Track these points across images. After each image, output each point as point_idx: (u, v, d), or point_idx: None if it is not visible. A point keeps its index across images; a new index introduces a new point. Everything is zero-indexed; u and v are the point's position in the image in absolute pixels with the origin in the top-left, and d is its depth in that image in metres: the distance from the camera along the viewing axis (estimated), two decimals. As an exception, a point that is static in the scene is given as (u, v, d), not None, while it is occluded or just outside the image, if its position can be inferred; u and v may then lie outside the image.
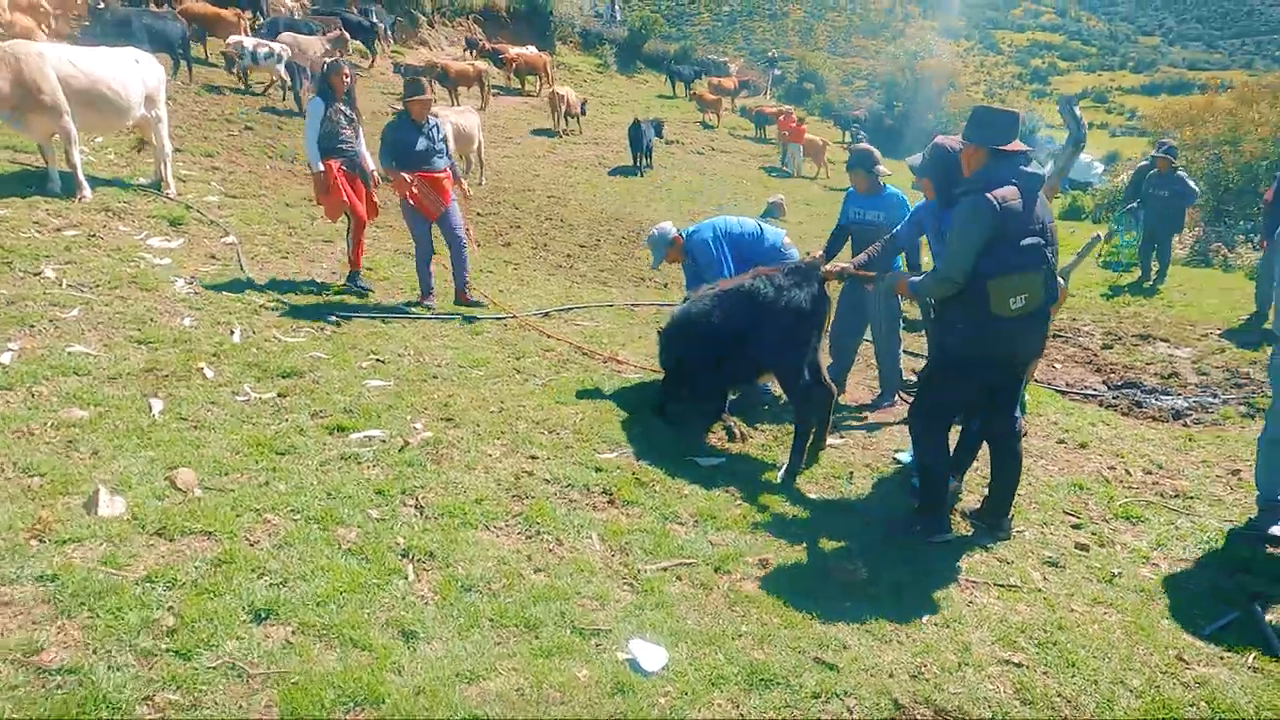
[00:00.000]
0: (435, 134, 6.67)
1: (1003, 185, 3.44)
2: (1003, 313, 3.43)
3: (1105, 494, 4.58)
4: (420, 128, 6.54)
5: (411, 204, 6.57)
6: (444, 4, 26.86)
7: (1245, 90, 15.50)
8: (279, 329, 5.74)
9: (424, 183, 6.52)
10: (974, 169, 3.61)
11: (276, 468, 3.72)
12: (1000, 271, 3.41)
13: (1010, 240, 3.41)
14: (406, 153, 6.45)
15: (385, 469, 3.90)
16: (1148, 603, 3.49)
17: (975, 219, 3.41)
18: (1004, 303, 3.42)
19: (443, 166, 6.70)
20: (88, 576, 2.72)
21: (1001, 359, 3.68)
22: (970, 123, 3.69)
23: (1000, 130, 3.60)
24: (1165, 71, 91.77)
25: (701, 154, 22.03)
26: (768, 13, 70.96)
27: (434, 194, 6.62)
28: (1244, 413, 6.06)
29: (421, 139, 6.52)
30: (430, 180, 6.58)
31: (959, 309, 3.52)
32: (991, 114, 3.69)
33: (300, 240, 8.39)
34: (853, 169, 5.58)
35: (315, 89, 7.15)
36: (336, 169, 6.74)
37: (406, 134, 6.49)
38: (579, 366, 5.99)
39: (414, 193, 6.46)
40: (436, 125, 6.71)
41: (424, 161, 6.53)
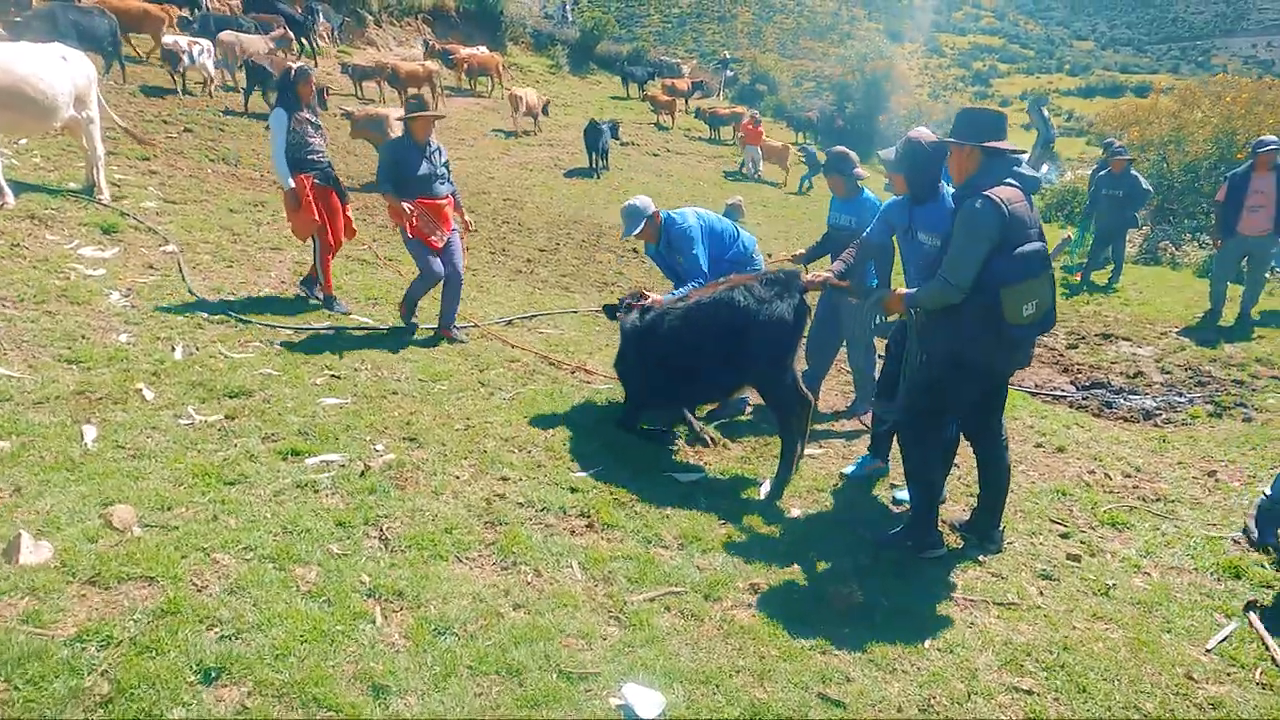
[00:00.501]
0: (437, 157, 6.04)
1: (1002, 186, 3.31)
2: (1016, 321, 3.28)
3: (1089, 500, 4.51)
4: (422, 150, 5.90)
5: (411, 235, 5.94)
6: (391, 3, 26.24)
7: (1187, 93, 15.94)
8: (225, 344, 5.37)
9: (424, 211, 5.89)
10: (968, 171, 3.47)
11: (225, 500, 3.41)
12: (1014, 279, 3.25)
13: (1017, 245, 3.28)
14: (407, 178, 5.83)
15: (345, 497, 3.61)
16: (1146, 616, 3.40)
17: (980, 222, 3.26)
18: (1017, 311, 3.26)
19: (445, 193, 6.07)
20: (5, 639, 2.40)
21: (1001, 367, 3.56)
22: (957, 124, 3.55)
23: (989, 128, 3.48)
24: (1099, 74, 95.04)
25: (657, 155, 21.86)
26: (717, 15, 71.40)
27: (435, 223, 5.98)
28: (1211, 411, 6.09)
29: (423, 162, 5.89)
30: (431, 208, 5.94)
31: (968, 318, 3.35)
32: (978, 113, 3.57)
33: (245, 248, 7.97)
34: (829, 174, 5.45)
35: (277, 97, 6.49)
36: (309, 185, 6.29)
37: (407, 156, 5.85)
38: (546, 378, 5.74)
39: (414, 224, 5.84)
40: (439, 148, 6.09)
41: (425, 187, 5.90)
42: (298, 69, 6.37)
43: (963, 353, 3.42)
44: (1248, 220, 8.03)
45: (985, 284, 3.30)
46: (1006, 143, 3.47)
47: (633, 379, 4.86)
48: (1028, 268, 3.31)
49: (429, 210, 5.92)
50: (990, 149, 3.42)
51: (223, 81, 16.02)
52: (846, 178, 5.32)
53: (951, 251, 3.38)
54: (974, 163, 3.46)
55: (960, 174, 3.52)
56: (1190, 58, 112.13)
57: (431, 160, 5.95)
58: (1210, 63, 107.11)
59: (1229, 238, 8.19)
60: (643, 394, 4.83)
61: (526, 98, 19.63)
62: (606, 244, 11.44)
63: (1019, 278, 3.28)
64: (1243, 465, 5.06)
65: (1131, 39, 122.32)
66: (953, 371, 3.53)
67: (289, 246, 8.28)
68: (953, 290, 3.34)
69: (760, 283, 4.30)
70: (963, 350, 3.42)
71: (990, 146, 3.41)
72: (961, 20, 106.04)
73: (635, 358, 4.76)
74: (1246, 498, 4.58)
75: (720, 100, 31.23)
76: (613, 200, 15.36)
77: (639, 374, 4.78)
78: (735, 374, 4.44)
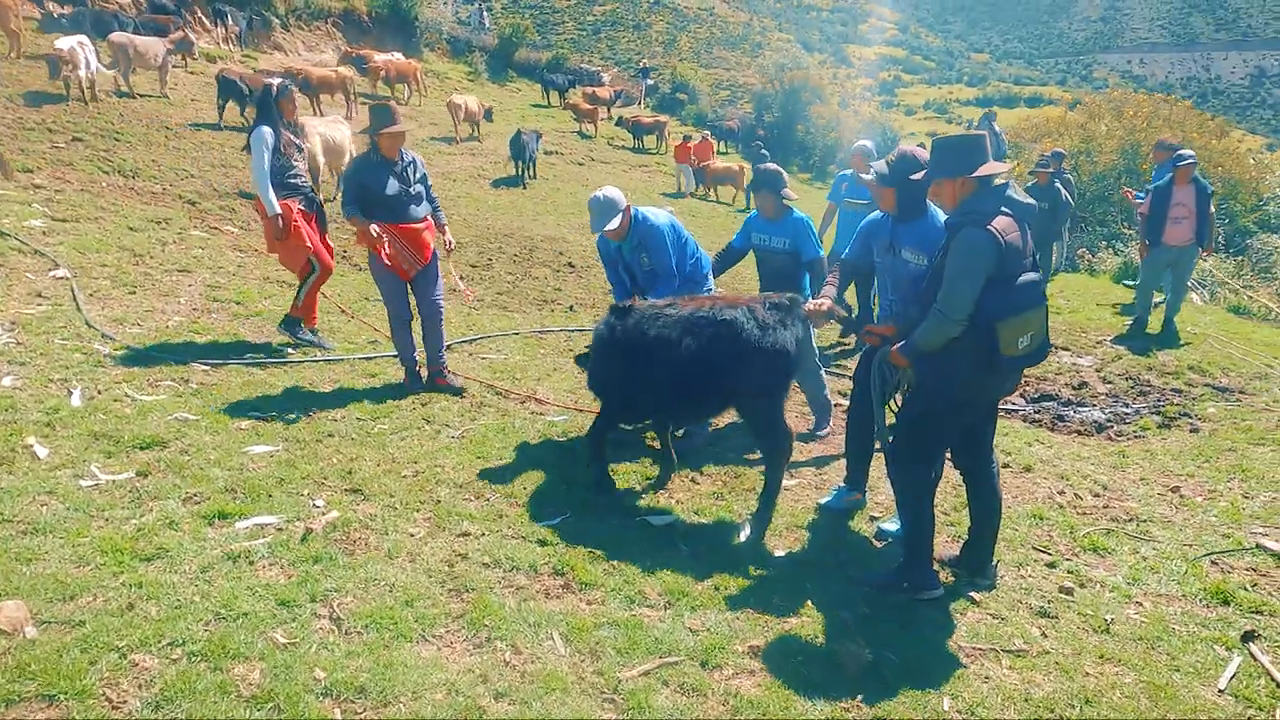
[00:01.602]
0: (411, 173, 5.29)
1: (997, 216, 3.15)
2: (1011, 354, 3.15)
3: (1066, 523, 4.43)
4: (391, 167, 5.19)
5: (383, 263, 5.20)
6: (299, 7, 25.10)
7: (1093, 105, 16.68)
8: (131, 384, 4.78)
9: (398, 237, 5.20)
10: (962, 197, 3.30)
11: (143, 581, 2.91)
12: (1010, 312, 3.12)
13: (1013, 277, 3.12)
14: (375, 200, 5.13)
15: (286, 568, 3.16)
16: (1151, 653, 3.28)
17: (977, 255, 3.10)
18: (1013, 343, 3.14)
19: (421, 215, 5.35)
20: None
21: (992, 396, 3.42)
22: (940, 157, 3.36)
23: (974, 153, 3.32)
24: (995, 85, 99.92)
25: (582, 165, 21.54)
26: (631, 23, 71.78)
27: (410, 250, 5.28)
28: (1159, 423, 6.17)
29: (393, 181, 5.17)
30: (407, 234, 5.25)
31: (961, 351, 3.20)
32: (959, 141, 3.41)
33: (149, 270, 7.26)
34: (759, 191, 5.18)
35: (258, 114, 5.88)
36: (296, 210, 5.75)
37: (375, 176, 5.13)
38: (494, 410, 5.35)
39: (388, 252, 5.16)
40: (414, 162, 5.36)
41: (399, 210, 5.20)
42: (280, 84, 5.87)
43: (954, 384, 3.26)
44: (1171, 231, 8.29)
45: (979, 318, 3.16)
46: (992, 165, 3.32)
47: (612, 386, 4.32)
48: (1024, 300, 3.18)
49: (403, 236, 5.23)
50: (983, 177, 3.26)
51: (115, 86, 14.94)
52: (777, 196, 5.09)
53: (946, 285, 3.19)
54: (967, 190, 3.30)
55: (953, 201, 3.35)
56: (1075, 71, 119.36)
57: (404, 178, 5.24)
58: (1092, 76, 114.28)
59: (1154, 248, 8.44)
60: (621, 404, 4.34)
61: (467, 104, 19.25)
62: (541, 258, 11.04)
63: (1015, 311, 3.16)
64: (1201, 479, 5.10)
65: (1023, 52, 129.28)
66: (943, 403, 3.37)
67: (199, 268, 7.62)
68: (951, 325, 3.17)
69: (764, 306, 3.99)
70: (954, 382, 3.26)
71: (983, 175, 3.26)
72: (867, 32, 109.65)
73: (619, 362, 4.20)
74: (1213, 514, 4.58)
75: (642, 109, 31.17)
76: (542, 211, 14.97)
77: (619, 381, 4.25)
78: (724, 398, 4.11)
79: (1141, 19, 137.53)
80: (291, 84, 5.94)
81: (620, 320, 4.19)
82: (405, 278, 5.35)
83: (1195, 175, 8.32)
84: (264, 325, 6.41)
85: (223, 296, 6.89)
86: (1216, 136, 14.98)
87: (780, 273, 5.21)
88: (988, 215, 3.15)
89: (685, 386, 4.01)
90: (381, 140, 5.12)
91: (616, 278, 5.25)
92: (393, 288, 5.35)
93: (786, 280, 5.10)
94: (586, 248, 12.23)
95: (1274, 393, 6.69)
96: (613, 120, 26.85)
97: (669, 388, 4.06)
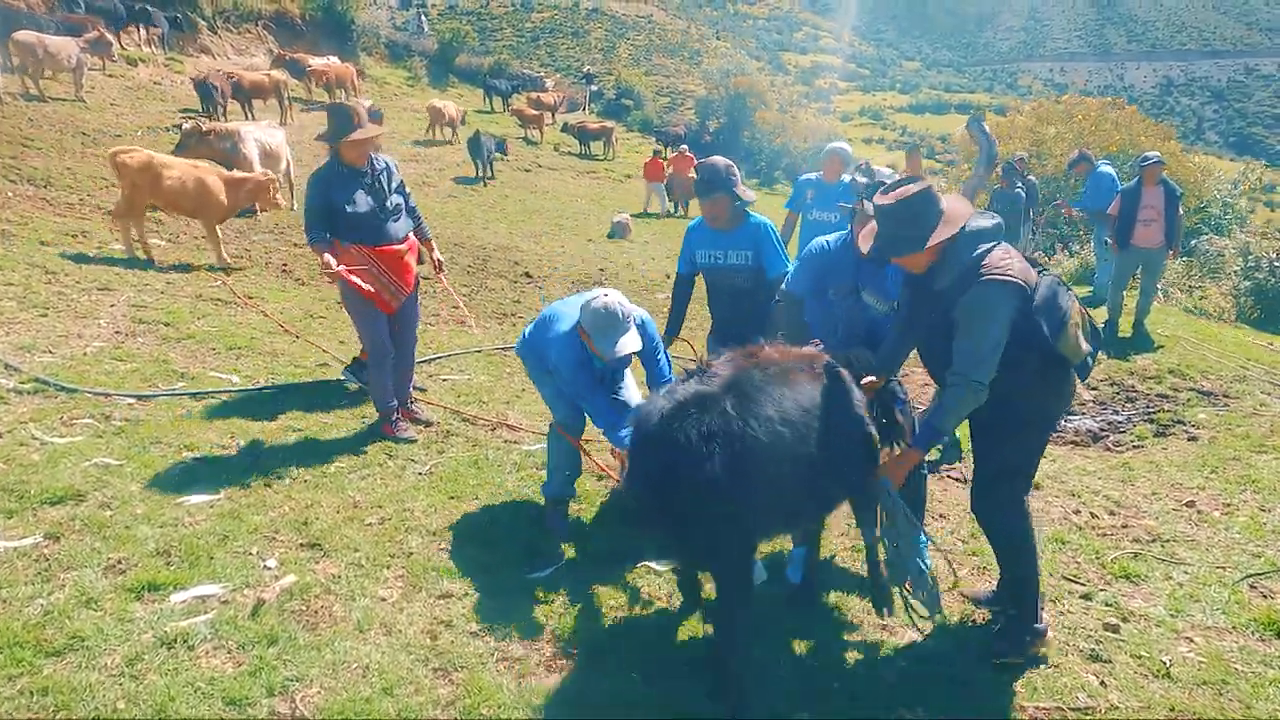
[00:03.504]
0: (385, 183, 4.44)
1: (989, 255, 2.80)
2: (1078, 357, 2.94)
3: (1090, 548, 4.14)
4: (360, 178, 4.34)
5: (360, 295, 4.37)
6: (227, 8, 23.95)
7: (1041, 110, 16.92)
8: (40, 423, 4.12)
9: (376, 263, 4.39)
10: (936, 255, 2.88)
11: (49, 686, 2.33)
12: (1059, 326, 2.84)
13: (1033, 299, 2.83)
14: (345, 220, 4.32)
15: (235, 653, 2.61)
16: (1221, 700, 2.97)
17: (999, 309, 2.75)
18: (1076, 347, 2.89)
19: (403, 234, 4.53)
20: None
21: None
22: (891, 229, 2.87)
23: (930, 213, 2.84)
24: (927, 93, 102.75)
25: (530, 171, 21.01)
26: (570, 30, 71.55)
27: (392, 278, 4.47)
28: (1155, 431, 5.99)
29: (363, 195, 4.33)
30: (387, 258, 4.43)
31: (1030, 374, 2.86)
32: (906, 208, 2.83)
33: (63, 289, 6.51)
34: (711, 194, 3.88)
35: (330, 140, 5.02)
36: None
37: (341, 191, 4.29)
38: (463, 440, 4.83)
39: (366, 287, 4.34)
40: (388, 169, 4.48)
41: (374, 230, 4.37)
42: (368, 109, 5.09)
43: (1032, 403, 2.97)
44: (1141, 233, 8.23)
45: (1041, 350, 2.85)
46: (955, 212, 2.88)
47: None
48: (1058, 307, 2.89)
49: (383, 261, 4.42)
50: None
51: (23, 89, 13.90)
52: (732, 198, 3.90)
53: (969, 347, 2.78)
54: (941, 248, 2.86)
55: (926, 265, 2.92)
56: (1001, 79, 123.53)
57: (377, 190, 4.39)
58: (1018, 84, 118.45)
59: (1124, 250, 8.37)
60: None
61: (446, 109, 19.88)
62: (495, 269, 10.50)
63: (1062, 323, 2.87)
64: (1213, 492, 4.89)
65: (951, 60, 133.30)
66: (1026, 425, 3.05)
67: (122, 285, 6.88)
68: (981, 392, 2.79)
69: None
70: (1032, 401, 2.96)
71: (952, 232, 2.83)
72: (802, 40, 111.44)
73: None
74: (1234, 530, 4.36)
75: (588, 115, 30.75)
76: (492, 219, 14.40)
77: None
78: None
79: (1061, 30, 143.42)
80: (380, 110, 5.15)
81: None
82: (388, 310, 4.54)
83: (1163, 177, 8.28)
84: (198, 349, 5.75)
85: (149, 317, 6.18)
86: (1162, 140, 15.30)
87: (740, 296, 4.07)
88: (980, 260, 2.79)
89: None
90: (344, 149, 4.25)
91: (603, 400, 3.59)
92: (371, 321, 4.50)
93: (751, 305, 4.01)
94: (541, 257, 11.73)
95: (1257, 395, 6.61)
96: (558, 126, 26.38)
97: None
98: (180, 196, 7.94)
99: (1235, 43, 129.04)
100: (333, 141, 4.26)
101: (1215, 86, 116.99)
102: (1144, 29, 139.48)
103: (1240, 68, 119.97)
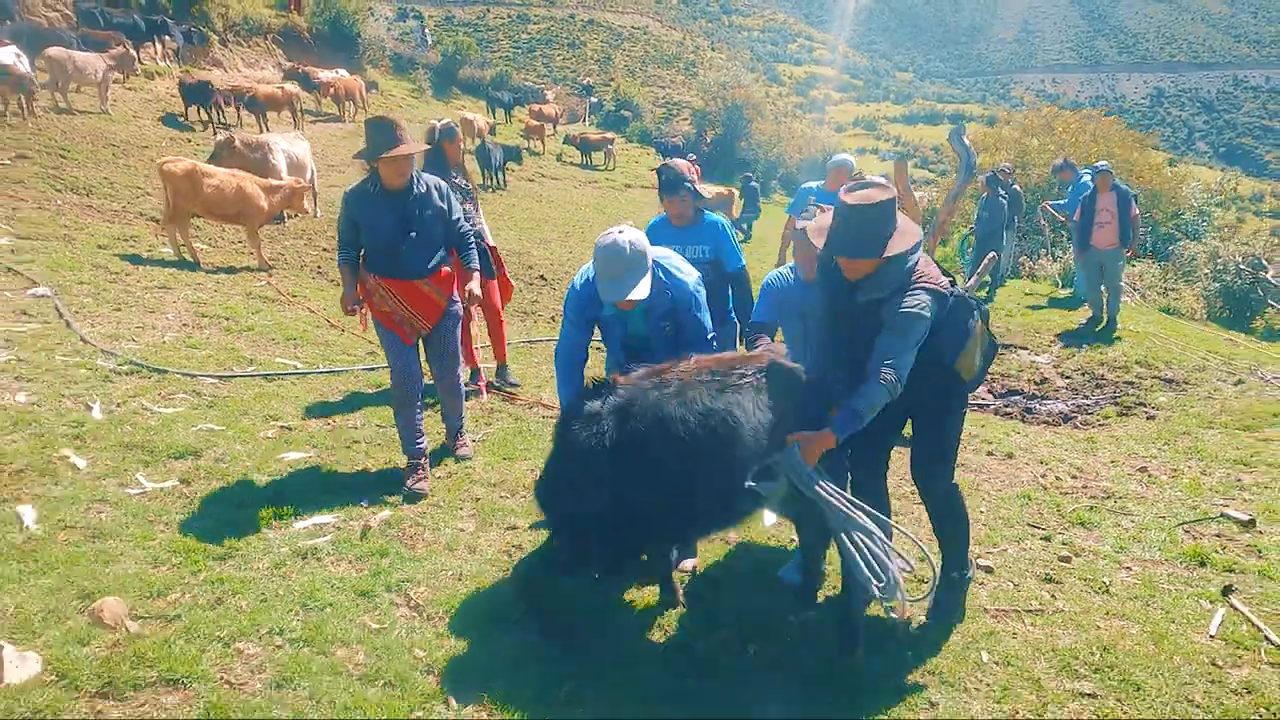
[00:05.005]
0: (419, 210, 4.02)
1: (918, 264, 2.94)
2: (971, 376, 3.20)
3: (1053, 502, 4.81)
4: (393, 202, 3.97)
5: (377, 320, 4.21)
6: (238, 22, 24.65)
7: (1027, 122, 17.72)
8: (146, 398, 4.77)
9: (392, 293, 4.10)
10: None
11: (223, 578, 2.99)
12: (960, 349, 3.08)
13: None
14: (368, 245, 4.05)
15: (354, 563, 3.27)
16: (1148, 609, 3.63)
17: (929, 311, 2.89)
18: (971, 367, 3.16)
19: (431, 266, 4.13)
20: (37, 779, 1.97)
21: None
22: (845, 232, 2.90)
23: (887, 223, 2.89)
24: (920, 103, 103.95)
25: (534, 181, 21.72)
26: (566, 41, 72.26)
27: (410, 311, 4.17)
28: (1119, 411, 6.69)
29: (391, 220, 3.97)
30: (404, 291, 4.10)
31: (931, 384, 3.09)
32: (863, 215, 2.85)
33: (129, 287, 7.15)
34: (675, 193, 4.15)
35: (425, 160, 5.17)
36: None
37: (369, 213, 3.97)
38: (506, 414, 5.49)
39: (381, 311, 4.15)
40: (431, 192, 4.09)
41: (393, 260, 4.03)
42: (444, 125, 5.34)
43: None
44: (1097, 235, 8.99)
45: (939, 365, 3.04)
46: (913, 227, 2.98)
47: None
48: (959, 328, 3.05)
49: (399, 294, 4.10)
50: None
51: (54, 104, 14.52)
52: (695, 195, 4.19)
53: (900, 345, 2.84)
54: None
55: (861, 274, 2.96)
56: (993, 90, 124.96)
57: (409, 216, 4.00)
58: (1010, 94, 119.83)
59: (1084, 252, 9.14)
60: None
61: (476, 121, 20.89)
62: (511, 272, 11.04)
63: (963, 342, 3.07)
64: (1164, 460, 5.57)
65: (944, 72, 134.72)
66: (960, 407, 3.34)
67: (178, 285, 7.52)
68: (900, 385, 2.83)
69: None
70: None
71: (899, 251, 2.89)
72: (796, 51, 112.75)
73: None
74: (1178, 490, 5.03)
75: (588, 126, 31.51)
76: (501, 227, 15.06)
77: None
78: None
79: (1053, 41, 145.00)
80: (455, 124, 5.50)
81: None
82: (407, 341, 4.22)
83: (1115, 182, 8.99)
84: (259, 339, 6.40)
85: (210, 312, 6.84)
86: (1139, 150, 16.07)
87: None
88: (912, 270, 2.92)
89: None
90: (383, 167, 3.90)
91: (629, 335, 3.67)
92: (395, 350, 4.21)
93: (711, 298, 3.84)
94: (553, 262, 12.40)
95: (1213, 383, 7.30)
96: (560, 138, 27.10)
97: None
98: (222, 203, 8.59)
99: (1223, 54, 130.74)
100: (369, 158, 3.90)
101: (1205, 98, 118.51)
102: (1134, 40, 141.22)
103: (1229, 79, 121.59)
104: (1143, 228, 10.65)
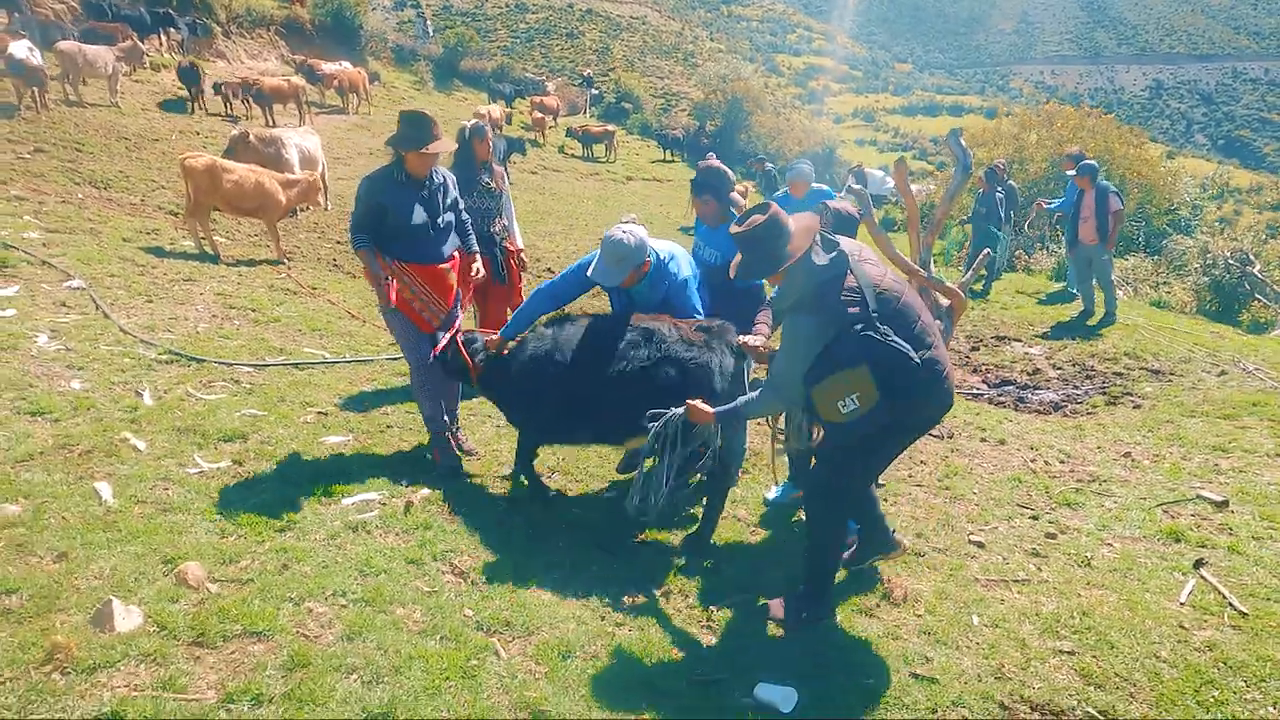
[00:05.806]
0: (441, 199, 4.25)
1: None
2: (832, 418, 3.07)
3: (1041, 485, 5.13)
4: (418, 190, 4.14)
5: (393, 304, 4.20)
6: (241, 14, 24.81)
7: (1025, 118, 18.01)
8: (189, 385, 5.07)
9: (416, 278, 4.21)
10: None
11: (285, 547, 3.30)
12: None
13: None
14: (395, 230, 4.13)
15: (402, 535, 3.58)
16: (1125, 579, 3.96)
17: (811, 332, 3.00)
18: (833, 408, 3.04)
19: (450, 253, 4.35)
20: (157, 710, 2.28)
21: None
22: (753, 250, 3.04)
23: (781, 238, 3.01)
24: (919, 95, 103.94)
25: (536, 174, 21.96)
26: (564, 31, 72.16)
27: (434, 297, 4.27)
28: (1106, 400, 7.01)
29: (419, 209, 4.12)
30: (429, 276, 4.24)
31: None
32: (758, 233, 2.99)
33: (156, 280, 7.44)
34: (693, 194, 4.48)
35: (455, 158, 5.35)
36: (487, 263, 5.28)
37: (398, 199, 4.09)
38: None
39: (397, 293, 4.18)
40: (445, 184, 4.31)
41: (423, 247, 4.19)
42: (474, 125, 5.45)
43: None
44: (1081, 231, 9.38)
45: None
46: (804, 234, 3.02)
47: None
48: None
49: (425, 279, 4.23)
50: None
51: (63, 96, 14.74)
52: (720, 201, 4.41)
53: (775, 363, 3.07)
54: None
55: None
56: (992, 81, 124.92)
57: (433, 205, 4.19)
58: (1009, 86, 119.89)
59: (1074, 247, 9.49)
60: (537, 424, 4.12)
61: (492, 112, 21.13)
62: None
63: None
64: (1147, 446, 5.89)
65: (943, 63, 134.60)
66: None
67: (203, 277, 7.81)
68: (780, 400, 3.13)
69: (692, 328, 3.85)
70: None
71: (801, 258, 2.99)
72: (796, 42, 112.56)
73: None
74: (1159, 473, 5.36)
75: (589, 118, 31.70)
76: (508, 220, 15.32)
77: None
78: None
79: (1052, 32, 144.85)
80: (485, 124, 5.55)
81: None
82: (426, 329, 4.30)
83: (1096, 180, 9.28)
84: (285, 330, 6.70)
85: (237, 304, 7.13)
86: (1134, 146, 16.37)
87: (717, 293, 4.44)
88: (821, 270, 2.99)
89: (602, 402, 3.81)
90: (411, 159, 4.06)
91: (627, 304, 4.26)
92: (410, 335, 4.32)
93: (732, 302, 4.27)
94: (559, 254, 12.68)
95: (1198, 374, 7.63)
96: (563, 130, 27.31)
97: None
98: (241, 197, 8.86)
99: (1222, 46, 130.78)
100: (405, 148, 4.03)
101: (1204, 90, 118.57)
102: (1134, 32, 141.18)
103: (1228, 71, 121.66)
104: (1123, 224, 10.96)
